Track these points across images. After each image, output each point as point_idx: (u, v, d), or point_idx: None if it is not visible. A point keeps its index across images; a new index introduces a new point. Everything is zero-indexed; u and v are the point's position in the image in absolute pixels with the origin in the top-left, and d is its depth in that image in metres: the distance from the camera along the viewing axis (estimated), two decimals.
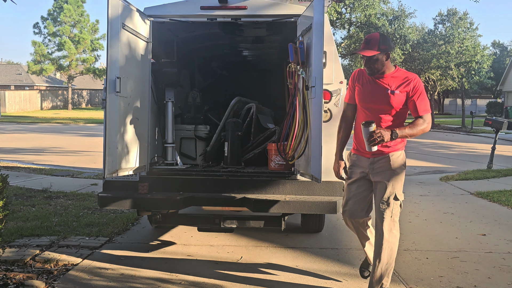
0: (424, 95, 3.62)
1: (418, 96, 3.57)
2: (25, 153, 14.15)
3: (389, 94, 3.57)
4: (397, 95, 3.56)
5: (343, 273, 4.32)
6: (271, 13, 4.64)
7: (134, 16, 4.38)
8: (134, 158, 4.43)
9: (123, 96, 4.15)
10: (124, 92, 4.15)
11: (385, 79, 3.61)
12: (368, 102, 3.65)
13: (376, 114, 3.61)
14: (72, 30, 46.51)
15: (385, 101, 3.57)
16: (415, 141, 19.89)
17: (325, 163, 3.97)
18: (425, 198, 7.81)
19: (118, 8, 4.07)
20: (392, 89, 3.57)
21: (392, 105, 3.57)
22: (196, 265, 4.51)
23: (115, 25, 4.05)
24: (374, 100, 3.62)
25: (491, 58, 28.12)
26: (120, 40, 4.08)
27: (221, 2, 4.54)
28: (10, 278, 3.98)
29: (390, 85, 3.58)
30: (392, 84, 3.59)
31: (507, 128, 10.86)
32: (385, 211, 3.62)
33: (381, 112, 3.61)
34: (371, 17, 19.72)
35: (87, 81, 60.60)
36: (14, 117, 35.20)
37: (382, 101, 3.58)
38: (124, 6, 4.16)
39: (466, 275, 4.28)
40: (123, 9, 4.14)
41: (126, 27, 4.17)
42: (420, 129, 3.56)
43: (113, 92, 4.01)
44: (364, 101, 3.68)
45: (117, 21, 4.05)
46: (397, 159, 3.65)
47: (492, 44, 62.63)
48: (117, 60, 4.07)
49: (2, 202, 3.85)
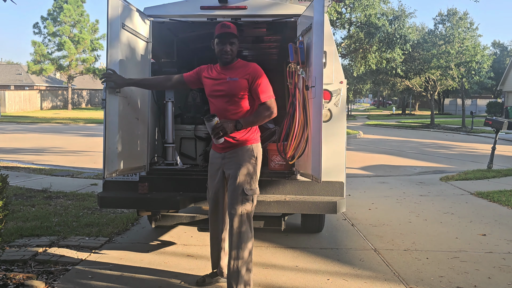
0: (265, 80, 3.69)
1: (258, 81, 3.65)
2: (25, 153, 14.15)
3: (228, 81, 3.68)
4: (236, 82, 3.66)
5: (343, 273, 4.32)
6: (271, 13, 4.63)
7: (134, 16, 4.38)
8: (134, 158, 4.43)
9: (123, 96, 4.15)
10: (124, 92, 4.15)
11: (228, 69, 3.74)
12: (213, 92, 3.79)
13: (221, 105, 3.72)
14: (72, 30, 46.55)
15: (226, 89, 3.69)
16: (415, 141, 19.90)
17: (325, 163, 3.96)
18: (425, 198, 7.81)
19: (118, 8, 4.07)
20: (232, 76, 3.68)
21: (233, 92, 3.66)
22: (196, 265, 4.50)
23: (115, 25, 4.04)
24: (217, 90, 3.74)
25: (491, 58, 28.11)
26: (120, 40, 4.08)
27: (221, 2, 4.54)
28: (10, 278, 3.97)
29: (231, 74, 3.70)
30: (233, 73, 3.71)
31: (507, 128, 10.86)
32: (234, 206, 3.64)
33: (224, 102, 3.71)
34: (371, 17, 19.66)
35: (87, 81, 60.64)
36: (14, 117, 35.19)
37: (224, 90, 3.70)
38: (124, 6, 4.16)
39: (466, 275, 4.28)
40: (123, 9, 4.14)
41: (126, 27, 4.17)
42: (260, 115, 3.64)
43: (113, 92, 4.01)
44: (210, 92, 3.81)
45: (117, 21, 4.05)
46: (246, 152, 3.71)
47: (492, 44, 62.78)
48: (117, 60, 4.06)
49: (2, 202, 3.85)
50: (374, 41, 19.94)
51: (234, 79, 3.68)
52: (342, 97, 4.54)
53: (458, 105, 50.60)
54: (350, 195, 7.81)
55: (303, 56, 4.15)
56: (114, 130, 4.05)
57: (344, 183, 4.52)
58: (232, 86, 3.68)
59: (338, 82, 4.52)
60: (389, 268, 4.45)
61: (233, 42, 3.70)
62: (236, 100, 3.70)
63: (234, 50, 3.72)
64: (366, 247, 5.12)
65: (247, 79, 3.66)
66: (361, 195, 8.00)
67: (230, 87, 3.69)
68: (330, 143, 4.47)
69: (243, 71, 3.70)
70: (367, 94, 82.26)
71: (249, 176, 3.68)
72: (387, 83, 37.06)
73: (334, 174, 4.47)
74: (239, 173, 3.66)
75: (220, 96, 3.74)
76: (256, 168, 3.75)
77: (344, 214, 6.44)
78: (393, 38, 20.10)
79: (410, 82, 32.16)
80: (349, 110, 48.14)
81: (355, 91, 44.38)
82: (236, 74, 3.70)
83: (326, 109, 4.49)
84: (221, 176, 3.85)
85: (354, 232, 5.69)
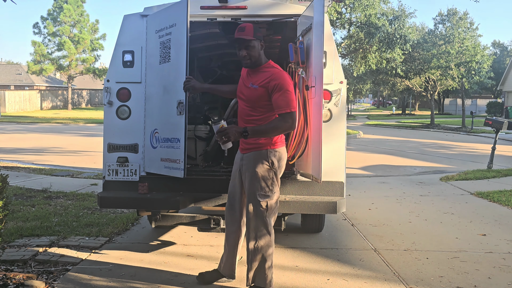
0: (286, 91, 3.46)
1: (278, 92, 3.46)
2: (25, 153, 14.15)
3: (249, 88, 3.59)
4: (255, 90, 3.55)
5: (343, 273, 4.32)
6: (271, 13, 4.63)
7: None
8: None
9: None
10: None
11: (253, 73, 3.63)
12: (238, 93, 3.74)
13: (243, 108, 3.67)
14: (72, 30, 46.54)
15: (246, 94, 3.62)
16: (415, 141, 19.90)
17: (325, 163, 3.96)
18: (425, 198, 7.81)
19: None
20: (253, 83, 3.57)
21: (252, 99, 3.57)
22: (196, 265, 4.50)
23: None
24: (241, 93, 3.70)
25: (491, 58, 28.12)
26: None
27: (221, 2, 4.54)
28: (10, 278, 3.97)
29: (254, 79, 3.60)
30: (256, 78, 3.58)
31: (507, 128, 10.87)
32: (249, 210, 3.64)
33: (245, 106, 3.64)
34: (371, 17, 19.66)
35: (87, 81, 60.64)
36: (14, 117, 35.19)
37: (245, 95, 3.63)
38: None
39: (466, 275, 4.27)
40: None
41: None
42: (272, 127, 3.47)
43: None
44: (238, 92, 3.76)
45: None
46: (259, 157, 3.59)
47: (492, 44, 62.78)
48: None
49: (2, 202, 3.85)
50: (374, 41, 19.94)
51: (254, 87, 3.56)
52: (342, 97, 4.54)
53: (458, 105, 50.60)
54: (350, 195, 7.81)
55: (303, 56, 4.15)
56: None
57: (344, 183, 4.52)
58: (252, 93, 3.59)
59: (338, 82, 4.52)
60: (389, 268, 4.44)
61: (249, 46, 3.52)
62: (258, 107, 3.59)
63: (252, 53, 3.55)
64: (366, 247, 5.12)
65: (266, 88, 3.52)
66: (361, 195, 8.00)
67: (250, 94, 3.60)
68: (330, 143, 4.47)
69: (263, 78, 3.55)
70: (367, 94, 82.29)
71: (261, 181, 3.59)
72: (387, 83, 37.07)
73: (334, 174, 4.47)
74: (251, 178, 3.61)
75: (242, 100, 3.69)
76: (269, 173, 3.60)
77: (344, 214, 6.44)
78: (393, 38, 20.10)
79: (410, 82, 32.15)
80: (349, 110, 48.14)
81: (355, 91, 44.37)
82: (257, 81, 3.57)
83: (326, 109, 4.49)
84: (239, 178, 3.80)
85: (354, 232, 5.69)
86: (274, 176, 3.65)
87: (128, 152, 4.61)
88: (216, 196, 4.47)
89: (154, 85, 4.51)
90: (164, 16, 4.38)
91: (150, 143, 4.53)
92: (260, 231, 3.61)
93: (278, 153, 3.67)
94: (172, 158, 4.27)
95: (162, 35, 4.39)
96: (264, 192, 3.60)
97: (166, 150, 4.36)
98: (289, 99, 3.48)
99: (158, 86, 4.46)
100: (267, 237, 3.62)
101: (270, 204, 3.63)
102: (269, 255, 3.64)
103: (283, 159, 3.73)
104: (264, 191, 3.60)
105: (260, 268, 3.64)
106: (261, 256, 3.63)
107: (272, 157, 3.63)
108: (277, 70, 3.58)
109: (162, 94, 4.41)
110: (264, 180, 3.61)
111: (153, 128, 4.51)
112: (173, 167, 4.28)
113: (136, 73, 4.58)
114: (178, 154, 4.20)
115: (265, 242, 3.62)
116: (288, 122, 3.47)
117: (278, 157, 3.66)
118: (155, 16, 4.53)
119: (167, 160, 4.34)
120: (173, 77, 4.24)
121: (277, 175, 3.69)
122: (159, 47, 4.43)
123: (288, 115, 3.47)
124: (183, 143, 4.17)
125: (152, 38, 4.52)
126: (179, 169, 4.22)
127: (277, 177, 3.68)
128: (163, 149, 4.39)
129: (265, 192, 3.60)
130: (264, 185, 3.60)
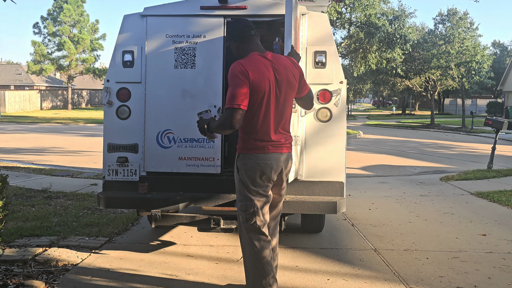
0: (230, 85, 3.20)
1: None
2: (25, 153, 14.16)
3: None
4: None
5: (343, 273, 4.32)
6: (271, 13, 4.63)
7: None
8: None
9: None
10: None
11: None
12: None
13: None
14: (72, 30, 46.55)
15: None
16: (415, 141, 19.91)
17: (325, 163, 3.96)
18: (425, 198, 7.80)
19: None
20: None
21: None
22: (196, 265, 4.50)
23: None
24: None
25: (491, 58, 28.12)
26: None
27: (221, 2, 4.53)
28: (10, 278, 3.97)
29: None
30: None
31: (507, 128, 10.86)
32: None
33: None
34: (371, 17, 19.67)
35: (87, 81, 60.64)
36: (14, 117, 35.19)
37: None
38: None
39: (466, 275, 4.27)
40: None
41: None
42: (217, 124, 3.30)
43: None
44: None
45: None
46: (237, 162, 3.42)
47: (492, 44, 62.74)
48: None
49: (2, 202, 3.85)
50: (374, 41, 19.94)
51: None
52: (342, 97, 4.54)
53: (458, 105, 50.59)
54: (350, 195, 7.81)
55: None
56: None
57: (344, 183, 4.52)
58: None
59: (338, 82, 4.52)
60: (389, 268, 4.44)
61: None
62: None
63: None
64: (366, 247, 5.12)
65: None
66: (361, 195, 8.00)
67: None
68: (330, 143, 4.47)
69: None
70: (367, 94, 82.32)
71: (237, 188, 3.48)
72: (387, 83, 37.07)
73: (334, 174, 4.47)
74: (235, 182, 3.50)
75: None
76: (237, 181, 3.43)
77: (344, 214, 6.44)
78: (393, 38, 20.11)
79: (410, 82, 32.16)
80: (349, 110, 48.12)
81: (355, 91, 44.40)
82: None
83: (326, 109, 4.50)
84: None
85: (354, 232, 5.69)
86: (241, 183, 3.42)
87: (128, 152, 4.61)
88: (216, 196, 4.47)
89: (164, 87, 4.54)
90: (181, 24, 4.57)
91: (158, 143, 4.54)
92: (243, 240, 3.50)
93: (244, 158, 3.40)
94: (202, 157, 4.52)
95: (179, 41, 4.53)
96: (241, 197, 3.45)
97: (189, 149, 4.51)
98: (232, 93, 3.18)
99: (173, 89, 4.53)
100: (247, 247, 3.46)
101: (246, 214, 3.43)
102: (251, 264, 3.50)
103: (247, 165, 3.40)
104: (241, 196, 3.46)
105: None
106: (245, 262, 3.54)
107: (239, 162, 3.45)
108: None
109: (180, 97, 4.52)
110: (237, 187, 3.49)
111: (163, 128, 4.54)
112: (203, 165, 4.53)
113: (136, 73, 4.58)
114: (213, 152, 4.51)
115: (245, 250, 3.51)
116: (226, 118, 3.16)
117: (243, 163, 3.41)
118: (167, 21, 4.59)
119: (192, 159, 4.51)
120: (201, 83, 4.51)
121: (241, 182, 3.43)
122: (173, 52, 4.51)
123: (226, 110, 3.18)
124: (220, 142, 4.49)
125: (160, 41, 4.54)
126: (214, 166, 4.52)
127: (242, 184, 3.44)
128: (183, 148, 4.51)
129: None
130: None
